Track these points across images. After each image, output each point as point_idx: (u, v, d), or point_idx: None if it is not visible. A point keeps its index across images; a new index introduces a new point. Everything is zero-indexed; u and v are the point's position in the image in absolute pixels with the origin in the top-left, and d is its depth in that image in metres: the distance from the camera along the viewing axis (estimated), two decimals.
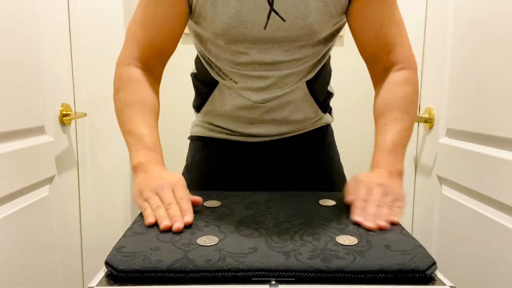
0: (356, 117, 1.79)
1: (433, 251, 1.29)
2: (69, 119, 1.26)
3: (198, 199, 0.66)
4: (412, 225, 1.44)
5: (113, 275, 0.48)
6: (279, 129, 0.88)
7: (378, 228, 0.58)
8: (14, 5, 1.00)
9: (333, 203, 0.71)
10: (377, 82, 0.80)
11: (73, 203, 1.36)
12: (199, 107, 0.93)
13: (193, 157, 0.95)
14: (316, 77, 0.85)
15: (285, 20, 0.73)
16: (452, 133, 1.21)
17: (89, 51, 1.34)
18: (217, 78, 0.84)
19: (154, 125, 0.73)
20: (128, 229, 0.58)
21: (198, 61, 0.89)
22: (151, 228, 0.58)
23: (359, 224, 0.60)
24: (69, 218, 1.32)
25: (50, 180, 1.19)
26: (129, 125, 0.72)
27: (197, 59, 0.91)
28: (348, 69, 1.75)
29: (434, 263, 0.49)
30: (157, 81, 0.81)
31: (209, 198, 0.73)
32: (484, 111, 1.02)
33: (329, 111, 0.97)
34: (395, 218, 0.61)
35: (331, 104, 0.98)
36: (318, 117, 0.92)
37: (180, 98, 1.74)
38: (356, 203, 0.64)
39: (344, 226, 0.60)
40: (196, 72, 0.92)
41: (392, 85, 0.76)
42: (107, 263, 0.49)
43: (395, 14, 0.76)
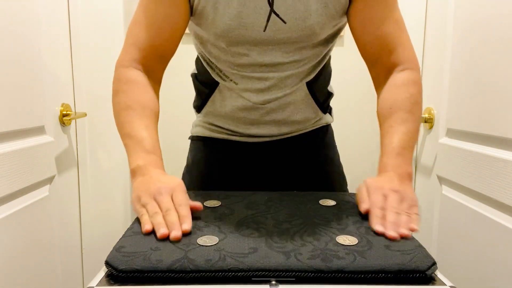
0: (356, 117, 1.79)
1: (433, 251, 1.29)
2: (69, 119, 1.26)
3: (198, 204, 0.62)
4: None
5: (113, 275, 0.48)
6: (279, 129, 0.88)
7: (400, 236, 0.55)
8: (14, 5, 1.00)
9: (333, 203, 0.71)
10: (379, 84, 0.79)
11: (73, 203, 1.36)
12: (199, 108, 0.93)
13: (193, 157, 0.95)
14: (316, 78, 0.85)
15: (285, 22, 0.73)
16: (452, 133, 1.21)
17: (89, 51, 1.34)
18: (217, 79, 0.84)
19: (153, 127, 0.70)
20: (128, 229, 0.58)
21: (199, 62, 0.89)
22: None
23: (380, 234, 0.56)
24: (69, 218, 1.32)
25: (50, 180, 1.19)
26: (128, 128, 0.69)
27: (197, 59, 0.91)
28: (348, 69, 1.75)
29: (434, 263, 0.49)
30: (157, 83, 0.79)
31: (209, 198, 0.73)
32: (484, 111, 1.02)
33: (329, 111, 0.97)
34: (415, 225, 0.58)
35: (331, 104, 0.98)
36: (318, 117, 0.92)
37: (180, 98, 1.74)
38: (373, 211, 0.60)
39: (344, 226, 0.60)
40: (196, 73, 0.92)
41: (396, 86, 0.74)
42: (107, 263, 0.49)
43: (396, 14, 0.75)
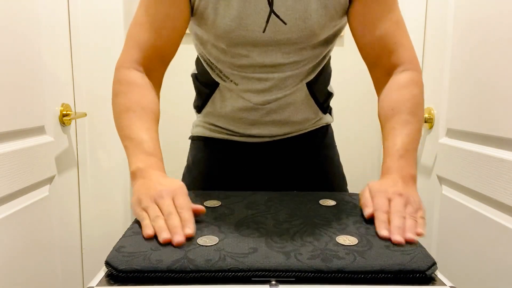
0: (356, 117, 1.79)
1: (433, 251, 1.29)
2: (69, 119, 1.26)
3: (201, 208, 0.61)
4: None
5: (113, 275, 0.48)
6: (280, 130, 0.88)
7: (406, 241, 0.54)
8: (14, 5, 1.00)
9: (333, 203, 0.71)
10: (380, 85, 0.77)
11: (73, 203, 1.36)
12: (200, 108, 0.93)
13: (194, 157, 0.95)
14: (316, 78, 0.85)
15: (286, 23, 0.72)
16: (452, 133, 1.21)
17: (89, 51, 1.34)
18: (217, 79, 0.84)
19: (154, 130, 0.69)
20: (128, 229, 0.58)
21: (199, 62, 0.89)
22: None
23: (386, 238, 0.55)
24: (69, 218, 1.32)
25: (50, 180, 1.19)
26: (128, 130, 0.68)
27: (197, 60, 0.90)
28: (348, 69, 1.75)
29: (434, 263, 0.49)
30: (158, 85, 0.77)
31: (209, 198, 0.73)
32: (484, 111, 1.02)
33: (329, 111, 0.97)
34: (421, 229, 0.57)
35: (331, 104, 0.98)
36: (318, 117, 0.92)
37: (180, 98, 1.74)
38: (378, 216, 0.59)
39: (344, 226, 0.60)
40: (196, 73, 0.92)
41: (398, 87, 0.72)
42: (107, 263, 0.49)
43: (396, 15, 0.75)
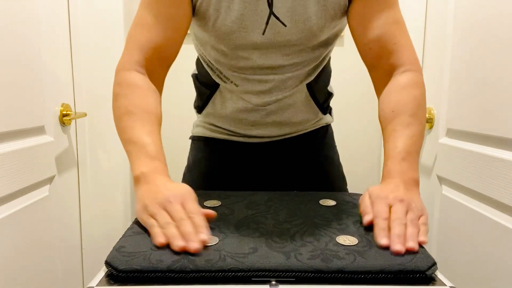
0: (356, 117, 1.79)
1: (433, 251, 1.29)
2: (69, 119, 1.26)
3: (212, 213, 0.58)
4: None
5: (113, 275, 0.48)
6: (280, 130, 0.88)
7: (407, 250, 0.52)
8: (14, 5, 1.00)
9: (333, 203, 0.71)
10: (380, 87, 0.75)
11: (73, 203, 1.36)
12: (200, 109, 0.93)
13: (194, 157, 0.95)
14: (316, 79, 0.85)
15: (285, 25, 0.72)
16: (452, 133, 1.21)
17: (89, 51, 1.34)
18: (218, 80, 0.84)
19: (156, 133, 0.67)
20: (128, 229, 0.58)
21: (199, 63, 0.89)
22: None
23: (386, 247, 0.52)
24: (69, 218, 1.32)
25: (50, 180, 1.19)
26: (130, 133, 0.65)
27: (198, 61, 0.90)
28: (348, 69, 1.75)
29: (434, 264, 0.49)
30: (160, 87, 0.75)
31: (209, 198, 0.73)
32: (484, 111, 1.02)
33: (329, 111, 0.97)
34: (423, 237, 0.54)
35: (331, 104, 0.98)
36: (318, 118, 0.92)
37: (181, 98, 1.74)
38: (378, 223, 0.56)
39: (344, 226, 0.60)
40: (197, 73, 0.92)
41: (399, 88, 0.70)
42: (107, 263, 0.49)
43: (396, 15, 0.74)
